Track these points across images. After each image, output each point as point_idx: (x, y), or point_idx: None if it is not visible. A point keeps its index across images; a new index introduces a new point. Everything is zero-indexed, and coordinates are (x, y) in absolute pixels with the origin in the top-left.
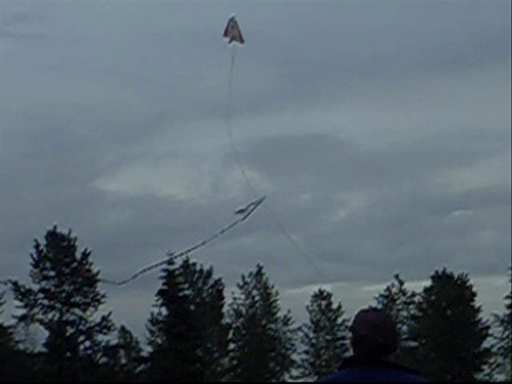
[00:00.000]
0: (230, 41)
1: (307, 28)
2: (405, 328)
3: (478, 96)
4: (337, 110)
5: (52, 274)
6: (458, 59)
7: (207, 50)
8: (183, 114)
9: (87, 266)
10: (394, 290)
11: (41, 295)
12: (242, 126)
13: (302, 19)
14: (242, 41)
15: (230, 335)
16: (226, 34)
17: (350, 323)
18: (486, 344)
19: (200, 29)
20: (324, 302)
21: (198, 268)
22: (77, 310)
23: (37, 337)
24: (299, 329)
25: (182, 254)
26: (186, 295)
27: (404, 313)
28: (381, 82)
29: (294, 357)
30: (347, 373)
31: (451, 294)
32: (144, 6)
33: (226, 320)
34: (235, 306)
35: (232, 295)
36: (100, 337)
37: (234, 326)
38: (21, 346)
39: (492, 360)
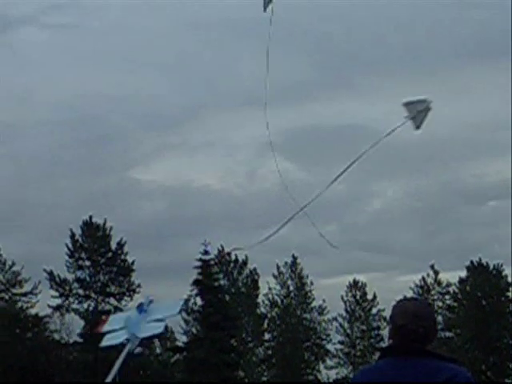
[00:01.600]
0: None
1: (342, 18)
2: (440, 318)
3: None
4: (372, 99)
5: (87, 263)
6: (494, 49)
7: (243, 40)
8: (218, 104)
9: (122, 256)
10: (429, 280)
11: (76, 285)
12: (277, 116)
13: (337, 9)
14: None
15: (265, 325)
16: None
17: (385, 313)
18: None
19: (236, 18)
20: (359, 292)
21: (233, 258)
22: (112, 300)
23: (72, 327)
24: (334, 319)
25: (258, 243)
26: (221, 285)
27: (439, 303)
28: (416, 72)
29: (329, 347)
30: (386, 362)
31: (486, 284)
32: None
33: (261, 310)
34: (270, 296)
35: (267, 285)
36: None
37: (269, 315)
38: (56, 336)
39: None
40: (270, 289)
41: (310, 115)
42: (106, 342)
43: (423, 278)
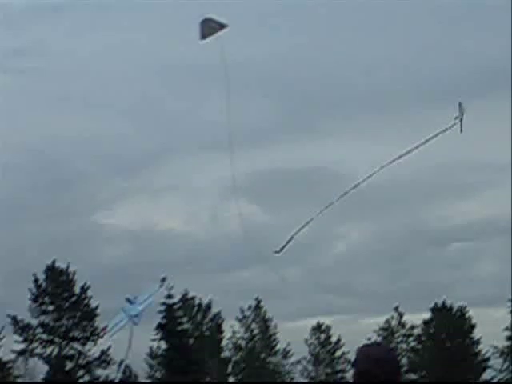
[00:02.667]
0: (207, 36)
1: (305, 61)
2: (404, 361)
3: (477, 127)
4: (335, 142)
5: (51, 308)
6: (458, 91)
7: (206, 84)
8: (182, 148)
9: (86, 301)
10: (393, 322)
11: (40, 330)
12: (241, 160)
13: (299, 52)
14: (222, 26)
15: (230, 369)
16: (203, 37)
17: (349, 356)
18: (485, 376)
19: (199, 64)
20: (323, 335)
21: (196, 302)
22: (76, 345)
23: (36, 371)
24: (298, 362)
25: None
26: (185, 329)
27: (403, 345)
28: (379, 115)
29: None
30: None
31: (450, 325)
32: (143, 41)
33: (226, 353)
34: (234, 340)
35: (231, 329)
36: (99, 371)
37: (233, 359)
38: (20, 381)
39: None
40: (234, 332)
41: (274, 158)
42: (112, 331)
43: (387, 321)
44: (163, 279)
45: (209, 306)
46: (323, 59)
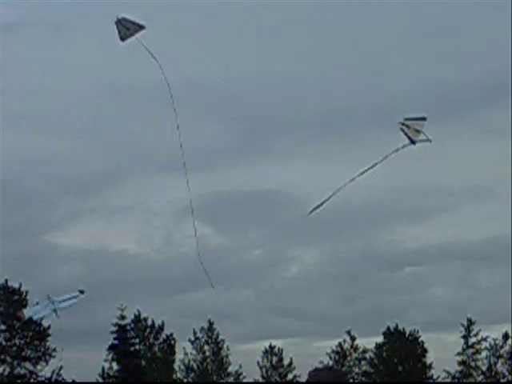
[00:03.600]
0: (126, 38)
1: (258, 82)
2: None
3: (429, 152)
4: (288, 165)
5: (3, 327)
6: (412, 115)
7: (160, 106)
8: (137, 169)
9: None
10: (345, 345)
11: None
12: (194, 181)
13: (252, 73)
14: (141, 27)
15: None
16: (122, 38)
17: (301, 379)
18: None
19: (153, 85)
20: (275, 358)
21: (149, 323)
22: (28, 364)
23: None
24: None
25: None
26: (137, 350)
27: (356, 369)
28: (333, 138)
29: None
30: None
31: (403, 350)
32: (97, 61)
33: (178, 375)
34: (186, 361)
35: (183, 350)
36: None
37: (185, 381)
38: None
39: None
40: (186, 354)
41: (227, 180)
42: (35, 317)
43: (340, 344)
44: (81, 291)
45: (161, 328)
46: (277, 81)
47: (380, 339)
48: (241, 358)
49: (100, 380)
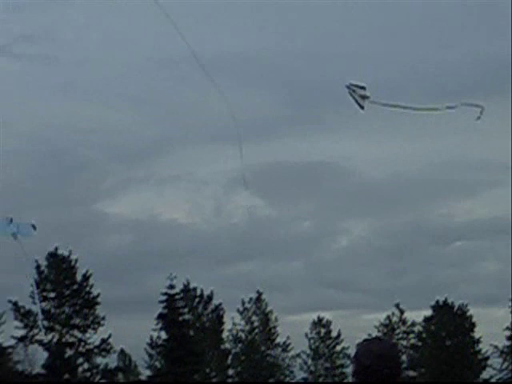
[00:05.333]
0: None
1: (312, 54)
2: (404, 357)
3: (481, 126)
4: (341, 137)
5: (52, 295)
6: (462, 88)
7: (213, 75)
8: (187, 139)
9: (87, 288)
10: (394, 319)
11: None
12: (246, 152)
13: (306, 45)
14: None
15: (229, 361)
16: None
17: (349, 351)
18: (484, 375)
19: (205, 54)
20: (323, 330)
21: (198, 293)
22: (76, 332)
23: (36, 358)
24: (298, 356)
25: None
26: (186, 320)
27: (404, 342)
28: (384, 110)
29: None
30: None
31: (451, 324)
32: (150, 30)
33: (226, 345)
34: (235, 332)
35: (232, 321)
36: (99, 359)
37: (233, 351)
38: (19, 367)
39: None
40: (234, 324)
41: (279, 151)
42: None
43: (388, 317)
44: (33, 226)
45: (210, 298)
46: (334, 52)
47: (429, 313)
48: (289, 329)
49: (149, 349)
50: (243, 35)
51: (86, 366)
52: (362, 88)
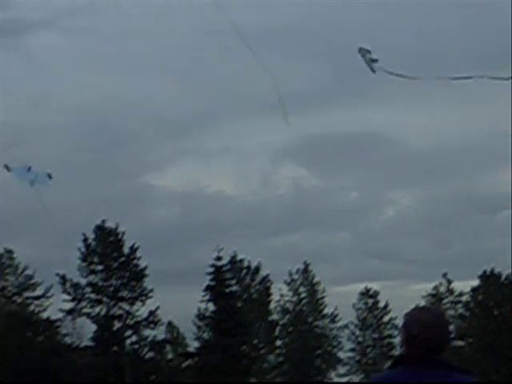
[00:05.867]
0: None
1: (356, 24)
2: (451, 327)
3: None
4: (387, 108)
5: (100, 268)
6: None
7: (258, 47)
8: (233, 111)
9: (135, 261)
10: (441, 289)
11: (88, 289)
12: (292, 124)
13: (350, 15)
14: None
15: (277, 332)
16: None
17: (396, 322)
18: None
19: (250, 26)
20: (371, 300)
21: (245, 264)
22: (124, 305)
23: (84, 331)
24: (346, 326)
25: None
26: (234, 291)
27: (451, 312)
28: (431, 80)
29: (341, 354)
30: (398, 372)
31: (499, 293)
32: (194, 2)
33: (273, 316)
34: (282, 303)
35: (279, 292)
36: (147, 331)
37: (280, 322)
38: (68, 340)
39: None
40: (281, 296)
41: (325, 122)
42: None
43: (436, 287)
44: (49, 175)
45: (257, 269)
46: (375, 22)
47: (476, 283)
48: (336, 300)
49: (196, 320)
50: (288, 7)
51: (133, 338)
52: (369, 52)
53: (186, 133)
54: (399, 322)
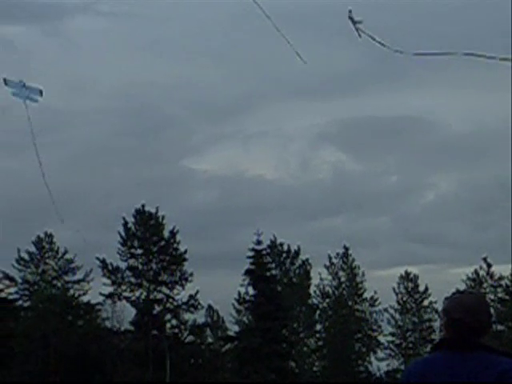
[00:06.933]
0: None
1: (395, 8)
2: (492, 311)
3: None
4: (426, 91)
5: (140, 252)
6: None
7: (298, 30)
8: (273, 94)
9: (174, 245)
10: (481, 273)
11: (128, 273)
12: (332, 107)
13: (392, 1)
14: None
15: (317, 316)
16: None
17: (436, 306)
18: None
19: (290, 9)
20: (411, 284)
21: (285, 248)
22: (164, 289)
23: (124, 314)
24: (385, 310)
25: None
26: (274, 275)
27: (491, 296)
28: (472, 63)
29: (380, 338)
30: (440, 355)
31: None
32: None
33: (313, 300)
34: (322, 287)
35: (319, 276)
36: (187, 315)
37: (320, 306)
38: (108, 324)
39: None
40: (321, 279)
41: (365, 106)
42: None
43: (476, 271)
44: (40, 91)
45: (297, 253)
46: (417, 9)
47: None
48: (376, 284)
49: (236, 304)
50: None
51: (173, 322)
52: (359, 22)
53: (226, 117)
54: (439, 305)
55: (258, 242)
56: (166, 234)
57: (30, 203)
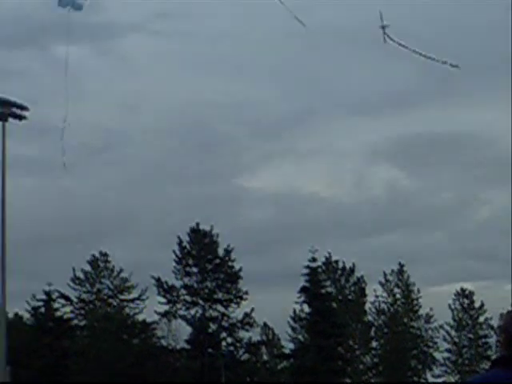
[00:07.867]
0: None
1: (452, 25)
2: None
3: None
4: (482, 107)
5: (195, 270)
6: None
7: (353, 48)
8: (326, 111)
9: (229, 263)
10: None
11: (183, 291)
12: (385, 124)
13: (445, 16)
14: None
15: (372, 333)
16: None
17: (492, 322)
18: None
19: (344, 26)
20: (466, 301)
21: (340, 265)
22: (219, 307)
23: (179, 333)
24: (441, 327)
25: None
26: (329, 292)
27: None
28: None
29: (436, 355)
30: (497, 373)
31: None
32: (286, 2)
33: (368, 317)
34: (377, 304)
35: (374, 293)
36: (242, 333)
37: (376, 323)
38: (163, 342)
39: None
40: (376, 296)
41: (420, 122)
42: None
43: None
44: None
45: (352, 270)
46: (469, 22)
47: None
48: (431, 300)
49: (292, 322)
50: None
51: (229, 340)
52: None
53: (279, 134)
54: (495, 322)
55: (313, 260)
56: (220, 252)
57: (86, 223)
